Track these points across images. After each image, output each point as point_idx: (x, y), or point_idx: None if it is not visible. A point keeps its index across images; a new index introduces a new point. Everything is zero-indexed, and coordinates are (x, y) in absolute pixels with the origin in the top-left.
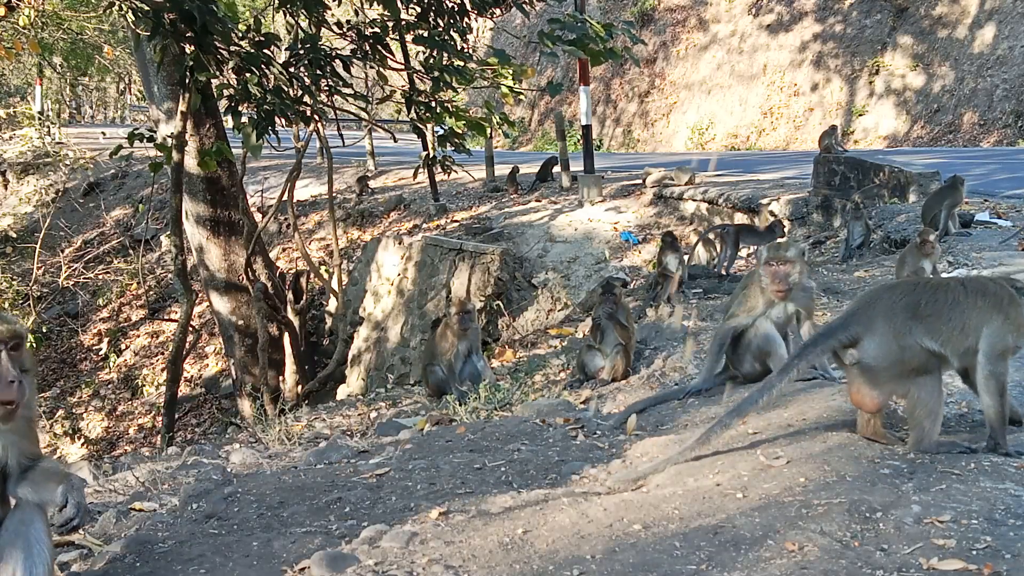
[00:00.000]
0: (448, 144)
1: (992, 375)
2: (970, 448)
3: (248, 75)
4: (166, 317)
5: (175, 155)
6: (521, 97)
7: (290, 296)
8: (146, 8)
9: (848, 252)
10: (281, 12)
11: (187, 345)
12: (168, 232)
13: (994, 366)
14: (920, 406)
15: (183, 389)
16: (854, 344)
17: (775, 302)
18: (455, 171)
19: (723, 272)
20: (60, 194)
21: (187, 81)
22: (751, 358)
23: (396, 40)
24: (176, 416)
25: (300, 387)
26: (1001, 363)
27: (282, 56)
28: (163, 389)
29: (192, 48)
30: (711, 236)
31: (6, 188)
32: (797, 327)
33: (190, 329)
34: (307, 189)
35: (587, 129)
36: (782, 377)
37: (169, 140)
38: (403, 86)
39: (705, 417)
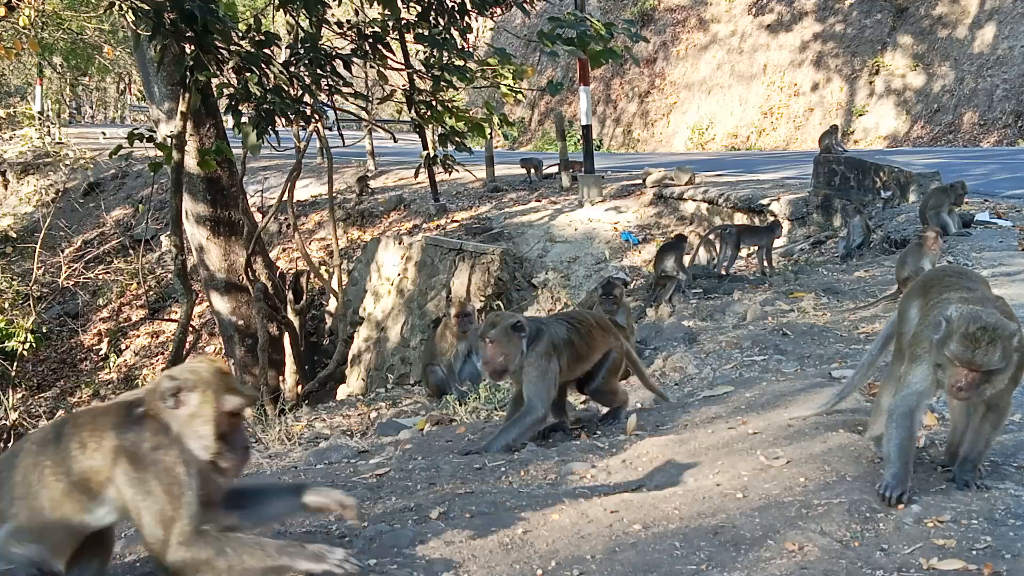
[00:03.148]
0: (449, 143)
1: None
2: (886, 496)
3: (248, 75)
4: (166, 317)
5: (175, 155)
6: (521, 97)
7: (290, 296)
8: (146, 8)
9: (848, 252)
10: (281, 12)
11: (187, 345)
12: (168, 232)
13: None
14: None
15: None
16: None
17: None
18: (456, 170)
19: (723, 272)
20: (60, 194)
21: (187, 81)
22: None
23: (396, 39)
24: None
25: (300, 387)
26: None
27: (282, 56)
28: None
29: (192, 48)
30: (712, 237)
31: (6, 188)
32: None
33: (190, 329)
34: (307, 189)
35: (587, 129)
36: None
37: (169, 140)
38: (403, 86)
39: (705, 417)
